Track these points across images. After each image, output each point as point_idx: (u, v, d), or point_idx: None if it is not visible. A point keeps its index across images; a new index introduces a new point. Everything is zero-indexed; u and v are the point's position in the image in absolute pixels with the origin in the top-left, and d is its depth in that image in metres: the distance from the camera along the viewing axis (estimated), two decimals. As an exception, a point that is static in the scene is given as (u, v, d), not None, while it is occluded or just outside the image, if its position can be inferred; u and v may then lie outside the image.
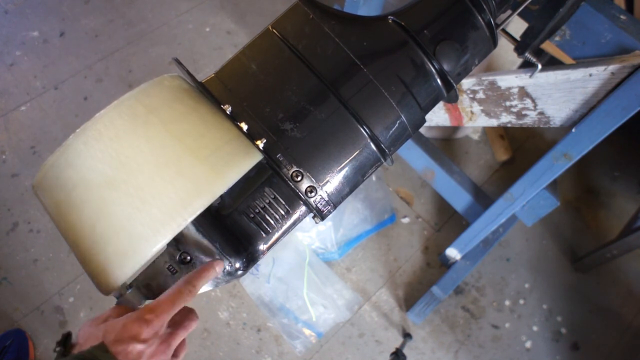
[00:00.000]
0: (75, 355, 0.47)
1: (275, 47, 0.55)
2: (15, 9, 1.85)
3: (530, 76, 0.93)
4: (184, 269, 0.56)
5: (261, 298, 1.44)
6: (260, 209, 0.56)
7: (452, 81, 0.58)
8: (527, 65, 1.40)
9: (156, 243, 0.45)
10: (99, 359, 0.45)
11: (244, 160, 0.50)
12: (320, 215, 0.56)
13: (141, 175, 0.46)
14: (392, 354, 1.28)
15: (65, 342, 0.51)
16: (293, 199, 0.56)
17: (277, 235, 0.57)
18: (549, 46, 0.96)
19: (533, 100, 0.98)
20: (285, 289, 1.44)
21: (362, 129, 0.55)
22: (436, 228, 1.64)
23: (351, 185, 0.57)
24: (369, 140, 0.55)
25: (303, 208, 0.57)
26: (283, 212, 0.56)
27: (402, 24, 0.57)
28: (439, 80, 0.58)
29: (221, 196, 0.52)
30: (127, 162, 0.46)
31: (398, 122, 0.56)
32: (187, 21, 1.92)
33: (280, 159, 0.53)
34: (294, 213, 0.57)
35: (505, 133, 1.79)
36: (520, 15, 0.77)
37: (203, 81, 0.56)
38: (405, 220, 1.64)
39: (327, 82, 0.54)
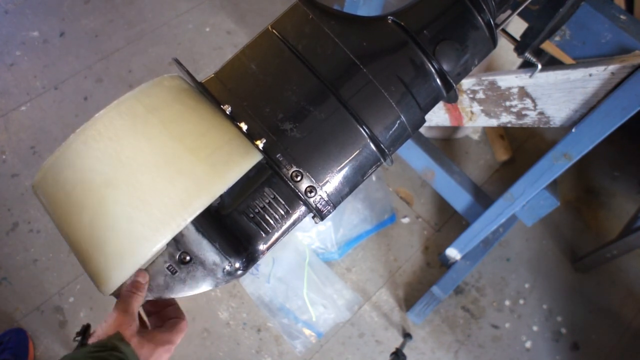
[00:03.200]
0: (96, 343, 0.49)
1: (275, 47, 0.55)
2: (15, 9, 1.85)
3: (530, 76, 0.93)
4: (184, 269, 0.56)
5: (261, 298, 1.44)
6: (260, 209, 0.56)
7: (451, 81, 0.58)
8: (527, 65, 1.40)
9: (156, 243, 0.45)
10: (118, 346, 0.48)
11: (243, 160, 0.50)
12: (320, 215, 0.56)
13: (141, 175, 0.46)
14: (392, 354, 1.28)
15: (85, 332, 0.54)
16: (293, 198, 0.56)
17: (276, 235, 0.57)
18: (549, 46, 0.96)
19: (533, 100, 0.98)
20: (285, 289, 1.44)
21: (361, 129, 0.55)
22: (436, 228, 1.64)
23: (351, 185, 0.57)
24: (368, 141, 0.55)
25: (303, 208, 0.57)
26: (283, 212, 0.56)
27: (402, 24, 0.57)
28: (438, 80, 0.58)
29: (221, 196, 0.52)
30: (127, 162, 0.46)
31: (398, 122, 0.56)
32: (187, 21, 1.92)
33: (280, 159, 0.53)
34: (293, 213, 0.57)
35: (505, 133, 1.79)
36: (520, 15, 0.77)
37: (203, 81, 0.56)
38: (405, 220, 1.64)
39: (327, 82, 0.54)
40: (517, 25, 0.96)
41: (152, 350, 0.53)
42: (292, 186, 0.54)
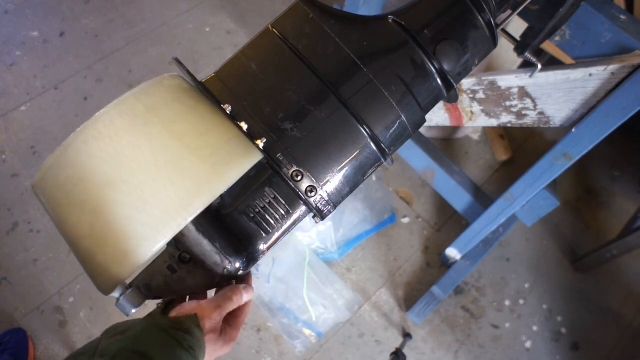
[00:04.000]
0: (173, 318, 0.51)
1: (275, 47, 0.55)
2: (15, 9, 1.85)
3: (530, 76, 0.93)
4: (184, 268, 0.56)
5: (261, 298, 1.44)
6: (260, 209, 0.56)
7: (452, 81, 0.58)
8: (527, 65, 1.40)
9: (156, 243, 0.45)
10: (191, 330, 0.50)
11: (244, 159, 0.50)
12: (320, 215, 0.56)
13: (141, 174, 0.46)
14: (392, 354, 1.28)
15: (169, 304, 0.56)
16: (293, 198, 0.56)
17: (277, 235, 0.57)
18: (549, 46, 0.96)
19: (533, 100, 0.98)
20: (285, 289, 1.44)
21: (362, 129, 0.55)
22: (436, 228, 1.64)
23: (351, 185, 0.57)
24: (369, 140, 0.55)
25: (303, 208, 0.57)
26: (283, 212, 0.56)
27: (403, 23, 0.57)
28: (439, 80, 0.58)
29: (221, 196, 0.52)
30: (127, 162, 0.46)
31: (398, 122, 0.56)
32: (187, 21, 1.92)
33: (281, 159, 0.53)
34: (294, 213, 0.57)
35: (505, 133, 1.79)
36: (520, 15, 0.77)
37: (203, 81, 0.56)
38: (405, 220, 1.64)
39: (327, 82, 0.54)
40: (517, 25, 0.96)
41: (221, 348, 0.55)
42: (293, 186, 0.54)
